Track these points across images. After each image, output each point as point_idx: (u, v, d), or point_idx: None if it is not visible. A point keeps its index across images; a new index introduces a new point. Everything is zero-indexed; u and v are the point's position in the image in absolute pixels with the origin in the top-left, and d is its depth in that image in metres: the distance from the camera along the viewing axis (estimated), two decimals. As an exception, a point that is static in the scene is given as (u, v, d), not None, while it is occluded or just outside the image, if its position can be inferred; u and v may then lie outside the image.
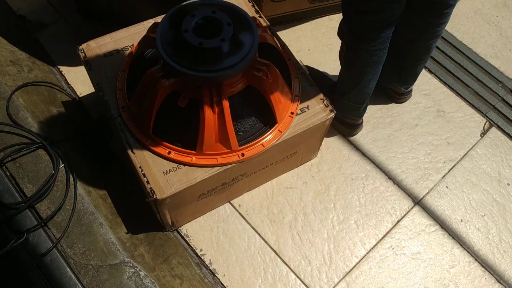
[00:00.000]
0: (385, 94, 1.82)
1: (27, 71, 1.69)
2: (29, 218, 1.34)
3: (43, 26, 1.91)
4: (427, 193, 1.65)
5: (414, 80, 1.73)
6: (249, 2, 1.58)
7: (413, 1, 1.34)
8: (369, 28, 1.30)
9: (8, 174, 1.40)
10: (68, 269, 1.28)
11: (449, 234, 1.58)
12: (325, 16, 2.02)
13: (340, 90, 1.57)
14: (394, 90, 1.77)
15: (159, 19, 1.52)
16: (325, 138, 1.57)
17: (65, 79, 1.79)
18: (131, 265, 1.32)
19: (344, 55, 1.45)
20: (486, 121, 1.81)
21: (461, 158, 1.73)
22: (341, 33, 1.41)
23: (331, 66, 1.89)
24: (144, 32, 1.46)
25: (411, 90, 1.82)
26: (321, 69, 1.87)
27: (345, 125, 1.70)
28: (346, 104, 1.57)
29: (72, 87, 1.77)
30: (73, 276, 1.28)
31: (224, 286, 1.45)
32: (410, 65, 1.63)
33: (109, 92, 1.37)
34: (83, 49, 1.45)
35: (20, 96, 1.56)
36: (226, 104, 1.20)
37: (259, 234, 1.53)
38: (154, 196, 1.22)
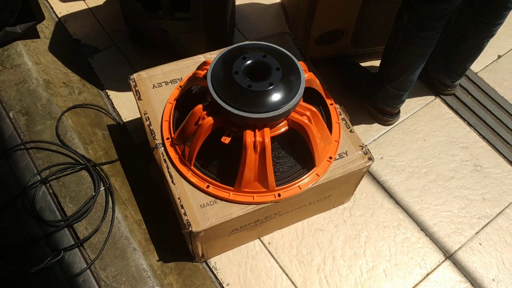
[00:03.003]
0: (431, 85, 1.92)
1: (77, 93, 1.77)
2: (66, 237, 1.39)
3: (96, 50, 2.00)
4: (459, 248, 1.63)
5: (461, 75, 1.82)
6: (295, 44, 1.62)
7: None
8: (431, 17, 1.37)
9: (51, 192, 1.46)
10: (99, 291, 1.32)
11: (480, 293, 1.55)
12: (367, 61, 2.05)
13: (387, 77, 1.63)
14: (440, 81, 1.87)
15: (208, 55, 1.58)
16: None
17: (112, 103, 1.86)
18: (159, 293, 1.35)
19: (399, 42, 1.50)
20: (525, 180, 1.78)
21: (496, 216, 1.70)
22: (399, 21, 1.46)
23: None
24: (193, 67, 1.52)
25: (457, 85, 1.91)
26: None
27: (383, 113, 1.78)
28: (391, 91, 1.66)
29: (118, 112, 1.83)
30: (103, 298, 1.31)
31: (248, 323, 1.45)
32: (460, 60, 1.72)
33: (155, 122, 1.43)
34: (134, 78, 1.51)
35: (70, 117, 1.63)
36: (268, 145, 1.23)
37: (286, 274, 1.53)
38: (190, 228, 1.25)
